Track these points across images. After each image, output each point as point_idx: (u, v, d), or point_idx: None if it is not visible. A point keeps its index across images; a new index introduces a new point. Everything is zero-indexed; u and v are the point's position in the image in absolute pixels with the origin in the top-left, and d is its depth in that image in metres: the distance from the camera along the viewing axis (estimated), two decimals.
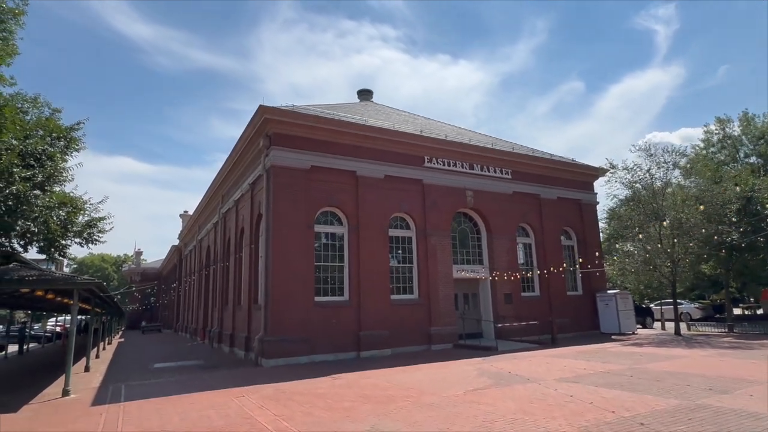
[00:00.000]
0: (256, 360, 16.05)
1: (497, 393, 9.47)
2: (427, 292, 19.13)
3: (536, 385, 10.14)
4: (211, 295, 27.60)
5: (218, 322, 24.45)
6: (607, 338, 21.14)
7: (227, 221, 24.71)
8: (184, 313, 39.54)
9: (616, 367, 12.38)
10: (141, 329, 48.34)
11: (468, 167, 21.42)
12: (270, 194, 16.77)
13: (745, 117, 32.96)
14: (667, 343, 18.23)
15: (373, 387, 10.74)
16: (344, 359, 16.54)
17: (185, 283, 38.93)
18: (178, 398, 10.42)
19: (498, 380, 10.95)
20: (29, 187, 9.11)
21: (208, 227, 29.73)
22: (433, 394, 9.60)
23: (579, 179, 25.67)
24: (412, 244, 19.67)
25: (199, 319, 31.37)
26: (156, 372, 15.44)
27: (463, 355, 16.36)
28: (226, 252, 24.73)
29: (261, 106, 16.50)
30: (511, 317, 20.58)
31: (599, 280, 24.92)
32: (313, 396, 9.98)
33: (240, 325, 20.02)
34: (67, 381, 11.33)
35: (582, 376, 11.21)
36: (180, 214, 49.98)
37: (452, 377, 11.65)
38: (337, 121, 18.11)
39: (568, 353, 15.87)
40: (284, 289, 16.04)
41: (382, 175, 18.90)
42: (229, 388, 11.35)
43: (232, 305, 21.82)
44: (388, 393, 9.90)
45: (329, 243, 17.93)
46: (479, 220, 21.93)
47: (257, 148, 18.12)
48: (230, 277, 23.10)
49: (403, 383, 11.07)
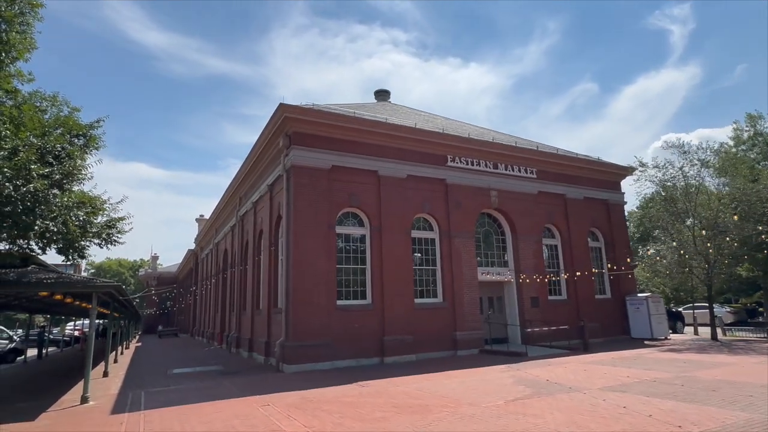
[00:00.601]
0: (278, 365, 15.56)
1: (541, 403, 8.80)
2: (451, 296, 18.48)
3: (581, 395, 9.45)
4: (228, 300, 27.28)
5: (236, 326, 24.08)
6: (640, 344, 20.23)
7: (245, 224, 24.37)
8: (200, 317, 39.37)
9: (662, 375, 11.60)
10: (158, 334, 48.33)
11: (492, 166, 20.77)
12: (290, 195, 16.33)
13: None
14: (707, 349, 17.30)
15: (404, 395, 10.15)
16: (367, 365, 15.98)
17: (202, 288, 38.76)
18: (200, 406, 9.95)
19: (537, 389, 10.28)
20: (47, 185, 8.76)
21: (225, 230, 29.47)
22: (471, 404, 8.97)
23: (605, 179, 24.82)
24: (436, 246, 19.06)
25: (216, 324, 31.08)
26: (175, 378, 15.05)
27: (492, 361, 15.67)
28: (243, 255, 24.38)
29: (281, 104, 16.09)
30: (538, 322, 19.81)
31: (628, 283, 23.99)
32: (341, 405, 9.42)
33: (259, 329, 19.58)
34: (86, 388, 10.94)
35: (627, 384, 10.48)
36: (196, 219, 50.05)
37: (487, 385, 11.00)
38: (358, 120, 17.63)
39: (604, 359, 15.09)
40: (305, 293, 15.55)
41: (405, 174, 18.35)
42: (253, 396, 10.86)
43: (250, 309, 21.42)
44: (421, 402, 9.30)
45: (351, 245, 17.41)
46: (504, 221, 21.24)
47: (276, 148, 17.71)
48: (248, 281, 22.71)
49: (435, 391, 10.46)
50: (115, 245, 11.82)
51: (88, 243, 11.44)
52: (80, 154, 9.97)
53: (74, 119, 10.52)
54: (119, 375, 16.46)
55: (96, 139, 10.64)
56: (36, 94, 11.30)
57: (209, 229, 36.91)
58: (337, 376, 13.67)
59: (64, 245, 10.52)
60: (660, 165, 21.69)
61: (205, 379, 14.51)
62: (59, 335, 40.42)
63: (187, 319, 50.17)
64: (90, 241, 11.36)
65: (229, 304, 26.79)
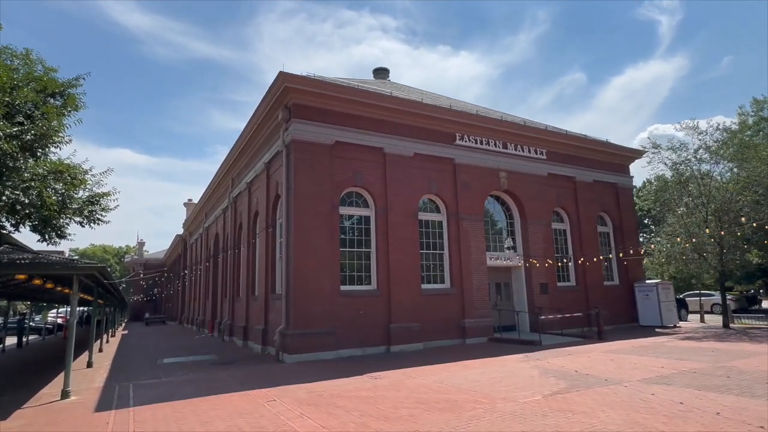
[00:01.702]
0: (277, 355, 14.50)
1: (584, 398, 7.86)
2: (459, 282, 17.52)
3: (623, 388, 8.54)
4: (220, 285, 26.06)
5: (229, 313, 22.93)
6: (651, 332, 19.53)
7: (238, 205, 23.09)
8: (189, 304, 38.09)
9: (698, 365, 10.77)
10: (145, 321, 46.95)
11: (501, 146, 19.72)
12: (290, 172, 15.13)
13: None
14: (725, 337, 16.62)
15: (425, 389, 9.16)
16: (373, 354, 15.01)
17: (191, 273, 37.42)
18: (196, 402, 8.85)
19: (571, 381, 9.36)
20: (16, 146, 7.46)
21: (216, 213, 28.13)
22: (505, 399, 8.01)
23: (615, 161, 23.95)
24: (443, 229, 18.04)
25: (206, 311, 29.89)
26: (166, 368, 13.92)
27: (505, 350, 14.78)
28: (237, 238, 23.15)
29: (281, 73, 14.80)
30: (549, 309, 18.98)
31: (636, 269, 23.30)
32: (357, 400, 8.40)
33: (255, 316, 18.47)
34: (67, 381, 9.77)
35: (666, 376, 9.61)
36: (184, 203, 48.42)
37: (513, 377, 10.06)
38: (363, 92, 16.40)
39: (625, 348, 14.29)
40: (307, 277, 14.46)
41: (412, 153, 17.22)
42: (255, 389, 9.79)
43: (245, 295, 20.27)
44: (448, 397, 8.31)
45: (355, 227, 16.31)
46: (512, 204, 20.28)
47: (275, 122, 16.44)
48: (243, 265, 21.53)
49: (458, 385, 9.48)
50: (98, 224, 10.56)
51: (67, 221, 10.13)
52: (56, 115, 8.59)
53: (50, 76, 9.15)
54: (104, 365, 15.28)
55: (75, 99, 9.30)
56: (5, 50, 9.88)
57: (198, 213, 35.47)
58: (344, 366, 12.67)
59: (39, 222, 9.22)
60: (675, 147, 20.79)
61: (198, 369, 13.41)
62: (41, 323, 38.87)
63: (175, 306, 48.81)
64: (70, 219, 10.05)
65: (221, 290, 25.59)
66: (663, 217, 23.62)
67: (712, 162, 20.72)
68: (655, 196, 23.26)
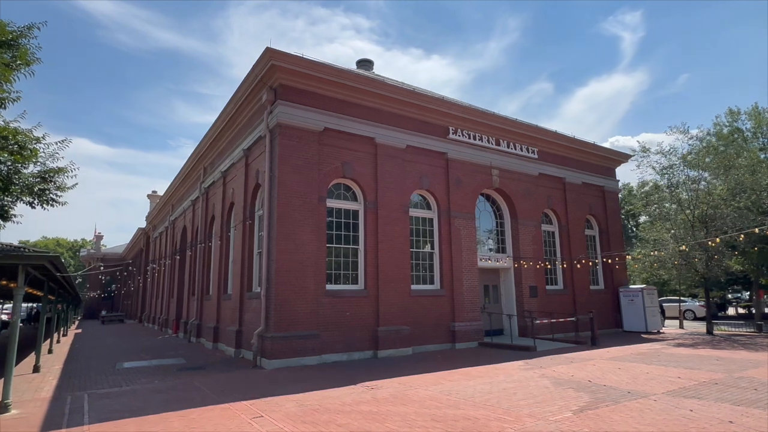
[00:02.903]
0: (255, 360, 13.11)
1: (619, 415, 6.97)
2: (450, 283, 16.58)
3: (652, 402, 7.73)
4: (187, 282, 24.22)
5: (197, 313, 21.20)
6: (638, 337, 19.18)
7: (210, 196, 21.42)
8: (151, 302, 35.73)
9: (713, 375, 10.15)
10: (101, 319, 43.93)
11: (494, 143, 18.93)
12: (274, 159, 13.79)
13: (755, 110, 31.94)
14: (715, 344, 16.33)
15: (434, 403, 8.08)
16: (360, 359, 13.85)
17: (154, 270, 35.09)
18: (168, 418, 7.47)
19: (591, 394, 8.49)
20: None
21: (184, 205, 26.22)
22: (532, 416, 7.03)
23: (602, 164, 23.67)
24: (434, 227, 17.06)
25: (170, 310, 27.89)
26: (127, 374, 12.30)
27: (501, 356, 13.91)
28: (208, 232, 21.48)
29: (268, 49, 13.43)
30: (538, 312, 18.31)
31: (621, 274, 23.05)
32: (361, 417, 7.24)
33: (227, 316, 16.95)
34: (7, 391, 8.15)
35: (689, 388, 8.89)
36: (148, 195, 45.73)
37: (525, 388, 9.12)
38: (357, 76, 15.22)
39: (624, 355, 13.66)
40: (291, 275, 13.16)
41: (404, 144, 16.16)
42: (236, 402, 8.47)
43: (216, 294, 18.68)
44: (466, 413, 7.26)
45: (343, 221, 15.09)
46: (503, 203, 19.53)
47: (258, 104, 15.05)
48: (214, 261, 19.91)
49: (469, 397, 8.46)
50: (52, 206, 8.92)
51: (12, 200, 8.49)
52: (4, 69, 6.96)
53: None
54: (54, 370, 13.47)
55: (26, 53, 7.72)
56: None
57: (165, 205, 33.26)
58: (331, 373, 11.45)
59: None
60: (665, 151, 20.60)
61: (165, 376, 11.87)
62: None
63: (134, 304, 46.00)
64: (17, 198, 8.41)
65: (189, 288, 23.77)
66: (653, 221, 23.49)
67: (699, 168, 20.67)
68: (646, 200, 23.05)
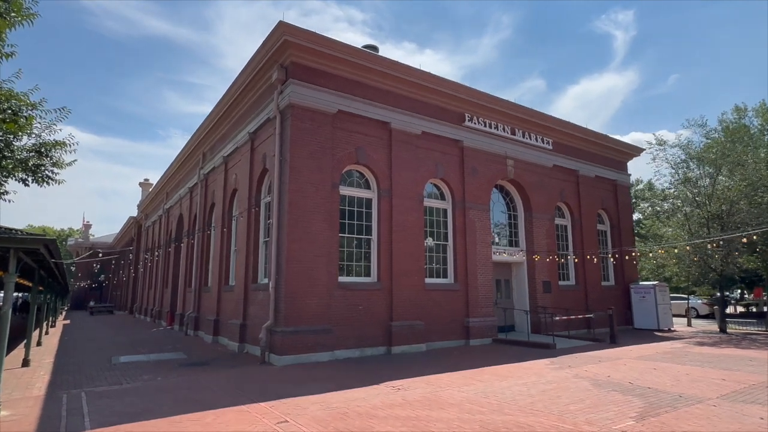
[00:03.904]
0: (263, 356, 12.28)
1: (689, 425, 6.29)
2: (464, 276, 15.87)
3: (714, 408, 7.07)
4: (183, 273, 23.24)
5: (194, 305, 20.27)
6: (652, 335, 18.68)
7: (210, 183, 20.44)
8: (143, 293, 34.62)
9: (759, 377, 9.55)
10: (89, 310, 42.66)
11: (510, 132, 18.20)
12: (286, 141, 12.91)
13: (762, 106, 31.61)
14: (736, 342, 15.86)
15: (474, 407, 7.34)
16: (372, 356, 13.10)
17: (146, 260, 33.96)
18: (178, 422, 6.64)
19: (641, 398, 7.81)
20: None
21: (181, 192, 25.16)
22: (589, 423, 6.32)
23: (614, 157, 23.11)
24: (448, 218, 16.31)
25: (163, 301, 26.88)
26: (125, 369, 11.41)
27: (522, 354, 13.25)
28: (207, 220, 20.51)
29: (281, 23, 12.50)
30: (553, 308, 17.71)
31: (632, 270, 22.55)
32: (400, 424, 6.46)
33: (230, 309, 16.08)
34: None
35: (742, 392, 8.26)
36: (140, 183, 44.37)
37: (565, 390, 8.43)
38: (370, 56, 14.35)
39: (650, 354, 13.07)
40: (302, 265, 12.33)
41: (420, 131, 15.37)
42: (252, 403, 7.66)
43: (216, 285, 17.77)
44: (517, 420, 6.53)
45: (355, 210, 14.28)
46: (516, 195, 18.85)
47: (267, 84, 14.13)
48: (214, 251, 18.99)
49: (511, 400, 7.73)
50: (48, 184, 7.97)
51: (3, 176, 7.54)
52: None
53: None
54: (45, 364, 12.53)
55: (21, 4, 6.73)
56: None
57: (158, 193, 32.12)
58: (348, 371, 10.68)
59: None
60: (682, 144, 20.06)
61: (168, 372, 11.00)
62: None
63: (124, 295, 44.78)
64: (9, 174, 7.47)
65: (185, 278, 22.79)
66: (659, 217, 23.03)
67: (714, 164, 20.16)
68: (663, 195, 22.56)
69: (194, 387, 9.16)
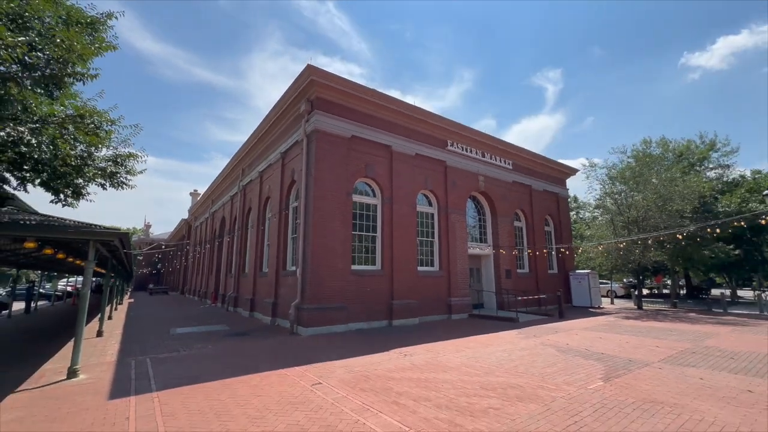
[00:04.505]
0: (292, 327, 11.65)
1: (648, 384, 5.89)
2: (447, 265, 15.41)
3: (660, 371, 6.68)
4: (225, 262, 22.41)
5: (234, 287, 19.48)
6: (587, 311, 18.36)
7: (247, 192, 19.74)
8: (192, 277, 33.49)
9: (683, 344, 9.22)
10: (149, 291, 41.28)
11: (480, 155, 17.88)
12: (311, 159, 12.37)
13: (663, 140, 31.82)
14: (654, 317, 15.60)
15: (470, 370, 6.85)
16: (378, 327, 12.53)
17: (196, 251, 32.90)
18: (231, 385, 6.05)
19: (601, 362, 7.41)
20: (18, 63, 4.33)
21: (224, 200, 24.36)
22: (568, 384, 5.88)
23: (557, 176, 22.91)
24: (434, 220, 15.86)
25: (209, 284, 25.93)
26: (181, 339, 10.69)
27: (493, 326, 12.80)
28: (245, 221, 19.78)
29: (309, 66, 12.02)
30: (514, 290, 17.34)
31: (570, 261, 22.30)
32: (414, 385, 5.95)
33: (263, 290, 15.38)
34: (76, 359, 6.58)
35: (675, 357, 7.91)
36: (190, 193, 43.22)
37: (539, 356, 7.99)
38: (376, 93, 13.90)
39: (593, 326, 12.72)
40: (324, 256, 11.77)
41: (414, 153, 14.93)
42: (288, 367, 7.08)
43: (252, 271, 17.05)
44: (508, 381, 6.05)
45: (364, 213, 13.75)
46: (485, 203, 18.47)
47: (296, 114, 13.59)
48: (250, 245, 18.29)
49: (498, 364, 7.25)
50: (122, 188, 7.33)
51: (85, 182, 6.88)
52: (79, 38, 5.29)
53: (73, 5, 5.87)
54: (115, 334, 11.73)
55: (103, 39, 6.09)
56: None
57: (205, 200, 31.17)
58: (361, 340, 10.12)
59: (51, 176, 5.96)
60: (608, 166, 19.97)
61: (215, 341, 10.32)
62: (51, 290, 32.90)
63: (177, 279, 43.40)
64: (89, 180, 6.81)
65: (226, 266, 21.97)
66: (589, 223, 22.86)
67: (625, 182, 20.12)
68: (595, 204, 22.40)
69: (238, 353, 8.54)
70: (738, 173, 28.42)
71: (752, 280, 42.81)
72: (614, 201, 20.40)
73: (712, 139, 27.27)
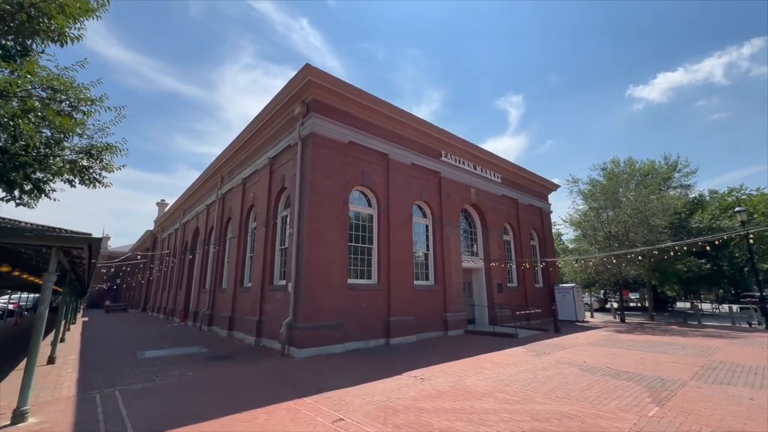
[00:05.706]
0: (283, 349, 10.38)
1: (702, 407, 5.33)
2: (442, 279, 14.71)
3: (701, 390, 6.20)
4: (198, 276, 20.51)
5: (209, 303, 17.71)
6: (574, 325, 18.21)
7: (227, 201, 18.25)
8: (156, 293, 30.71)
9: (698, 360, 8.93)
10: (105, 308, 37.47)
11: (472, 167, 17.60)
12: (306, 164, 11.41)
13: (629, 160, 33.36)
14: (643, 330, 15.58)
15: (505, 396, 6.05)
16: (375, 347, 11.51)
17: (163, 265, 30.25)
18: (229, 426, 4.88)
19: (634, 382, 6.85)
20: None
21: (198, 209, 22.54)
22: (623, 410, 5.21)
23: (540, 191, 23.12)
24: (429, 232, 15.20)
25: (177, 300, 23.69)
26: (153, 365, 9.14)
27: (495, 343, 12.13)
28: (223, 232, 18.21)
29: (307, 65, 11.18)
30: (506, 305, 16.88)
31: (554, 275, 22.32)
32: (454, 417, 5.06)
33: (246, 307, 13.93)
34: (25, 398, 5.14)
35: (702, 374, 7.52)
36: (157, 203, 40.27)
37: (568, 377, 7.33)
38: (374, 98, 13.24)
39: (593, 341, 12.35)
40: (320, 269, 10.71)
41: (410, 162, 14.33)
42: (296, 399, 5.97)
43: (231, 286, 15.52)
44: (557, 410, 5.30)
45: (360, 223, 12.85)
46: (476, 216, 18.10)
47: (289, 117, 12.63)
48: (229, 257, 16.75)
49: (530, 387, 6.51)
50: (94, 186, 6.05)
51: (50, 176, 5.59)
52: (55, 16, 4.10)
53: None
54: (70, 360, 9.92)
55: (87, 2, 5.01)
56: None
57: (176, 210, 28.92)
58: (362, 361, 9.07)
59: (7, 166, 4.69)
60: (590, 182, 20.32)
61: (195, 366, 8.88)
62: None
63: (137, 295, 39.82)
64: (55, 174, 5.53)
65: (199, 281, 20.08)
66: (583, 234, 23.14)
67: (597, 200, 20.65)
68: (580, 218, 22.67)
69: (228, 382, 7.26)
70: (698, 192, 30.16)
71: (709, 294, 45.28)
72: (596, 215, 20.76)
73: (675, 161, 28.80)
